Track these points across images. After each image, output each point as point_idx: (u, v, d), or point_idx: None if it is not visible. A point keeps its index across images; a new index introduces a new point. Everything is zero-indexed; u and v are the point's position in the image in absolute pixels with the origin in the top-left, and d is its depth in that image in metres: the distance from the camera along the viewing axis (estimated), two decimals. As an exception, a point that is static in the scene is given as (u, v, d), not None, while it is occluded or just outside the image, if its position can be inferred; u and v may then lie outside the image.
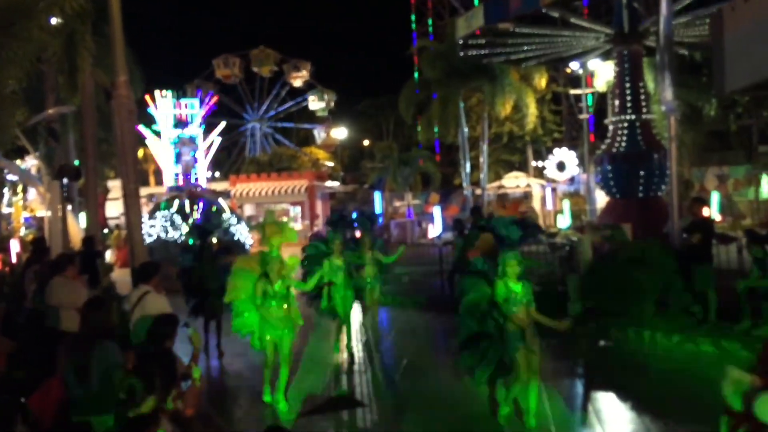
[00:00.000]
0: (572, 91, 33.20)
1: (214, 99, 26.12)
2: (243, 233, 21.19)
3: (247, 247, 20.95)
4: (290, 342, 7.65)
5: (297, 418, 7.27)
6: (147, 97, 22.70)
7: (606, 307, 10.35)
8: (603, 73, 26.48)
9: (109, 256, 20.40)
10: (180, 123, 22.98)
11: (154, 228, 20.45)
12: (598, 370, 9.05)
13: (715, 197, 25.67)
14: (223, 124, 29.24)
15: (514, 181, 34.09)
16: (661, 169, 17.19)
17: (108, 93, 13.56)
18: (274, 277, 7.42)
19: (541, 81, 31.83)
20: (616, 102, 18.68)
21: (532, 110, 31.24)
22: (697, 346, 9.45)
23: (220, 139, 25.78)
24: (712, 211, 24.49)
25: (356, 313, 10.81)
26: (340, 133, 48.93)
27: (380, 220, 14.71)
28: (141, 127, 22.44)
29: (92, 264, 11.80)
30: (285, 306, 7.51)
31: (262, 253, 7.75)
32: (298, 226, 36.68)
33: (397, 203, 36.20)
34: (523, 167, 38.12)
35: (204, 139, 24.15)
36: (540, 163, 37.06)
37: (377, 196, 32.55)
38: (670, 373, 8.71)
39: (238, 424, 7.30)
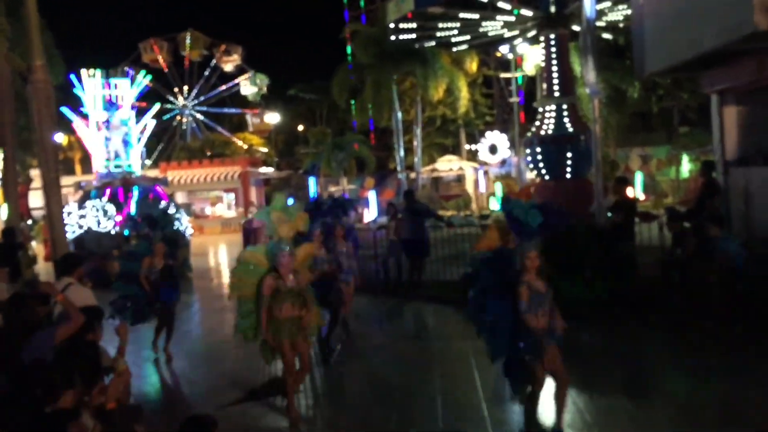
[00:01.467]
0: (502, 75, 33.76)
1: (147, 79, 24.87)
2: (184, 223, 20.26)
3: (188, 237, 20.14)
4: (309, 349, 6.90)
5: (228, 406, 7.20)
6: (73, 78, 21.48)
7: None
8: (532, 56, 26.98)
9: (35, 247, 19.55)
10: (110, 105, 21.87)
11: (84, 219, 19.37)
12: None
13: (639, 177, 26.64)
14: (157, 106, 28.14)
15: (447, 165, 34.48)
16: (587, 150, 17.65)
17: (24, 78, 12.98)
18: (286, 271, 6.52)
19: (473, 65, 32.20)
20: (544, 85, 19.07)
21: (464, 94, 31.59)
22: (623, 318, 9.79)
23: (154, 122, 24.74)
24: (637, 190, 25.42)
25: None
26: (274, 118, 48.33)
27: (354, 207, 13.94)
28: (66, 111, 21.45)
29: (13, 256, 11.34)
30: (301, 305, 6.60)
31: (267, 244, 6.95)
32: (232, 213, 36.19)
33: (332, 188, 36.07)
34: (456, 150, 38.55)
35: (137, 122, 23.09)
36: (473, 147, 37.56)
37: (312, 181, 32.35)
38: (590, 345, 9.03)
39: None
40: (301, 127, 50.65)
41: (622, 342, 9.11)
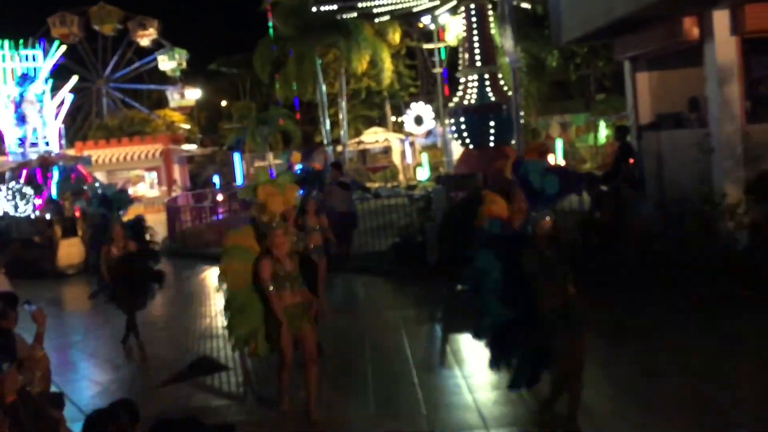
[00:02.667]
0: (425, 46, 33.83)
1: (62, 50, 23.23)
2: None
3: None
4: (315, 336, 5.91)
5: (158, 387, 7.08)
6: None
7: (462, 253, 10.80)
8: (453, 27, 27.14)
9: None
10: (23, 79, 20.40)
11: (-1, 204, 18.02)
12: (457, 314, 9.48)
13: (559, 144, 27.37)
14: (75, 79, 26.53)
15: (373, 137, 34.48)
16: (510, 119, 18.00)
17: None
18: (282, 253, 5.60)
19: (395, 36, 32.15)
20: (466, 55, 19.28)
21: (387, 65, 31.55)
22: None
23: (72, 96, 23.36)
24: (557, 157, 26.13)
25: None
26: (195, 93, 47.02)
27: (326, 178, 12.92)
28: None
29: None
30: (300, 290, 5.72)
31: (255, 224, 5.97)
32: (155, 192, 35.21)
33: (259, 164, 35.55)
34: (382, 123, 38.56)
35: (52, 97, 21.62)
36: (398, 118, 37.65)
37: (237, 157, 31.77)
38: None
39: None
40: (224, 103, 49.46)
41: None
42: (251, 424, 6.01)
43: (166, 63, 49.34)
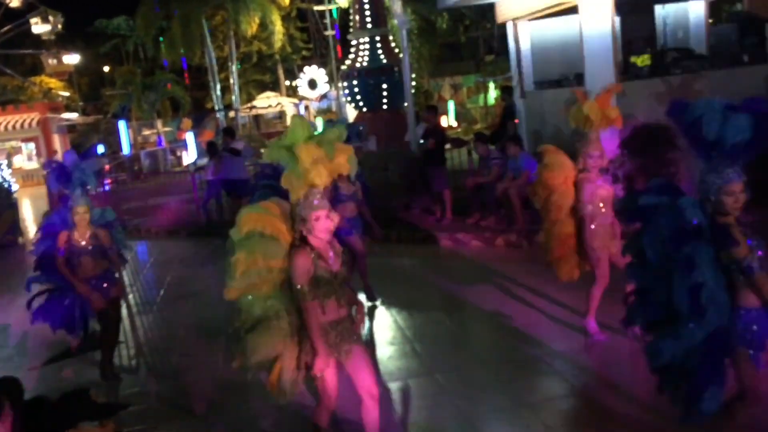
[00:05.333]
0: (316, 8, 33.33)
1: None
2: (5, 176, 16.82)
3: (13, 193, 17.00)
4: (369, 360, 4.19)
5: (31, 369, 6.79)
6: None
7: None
8: (344, -12, 26.87)
9: None
10: None
11: None
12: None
13: (451, 105, 27.90)
14: None
15: (266, 102, 33.86)
16: (402, 81, 18.15)
17: None
18: (326, 244, 3.87)
19: (285, -2, 31.48)
20: (357, 17, 19.16)
21: (278, 28, 30.91)
22: (437, 240, 10.39)
23: None
24: (450, 118, 26.66)
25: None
26: (73, 58, 44.24)
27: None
28: None
29: None
30: (347, 300, 4.00)
31: (279, 200, 4.03)
32: (33, 164, 33.16)
33: (146, 132, 34.18)
34: (275, 87, 37.89)
35: None
36: (292, 83, 37.10)
37: (122, 125, 30.35)
38: (416, 267, 9.54)
39: None
40: (106, 68, 46.95)
41: (441, 259, 9.72)
42: (145, 395, 5.91)
43: (40, 26, 45.91)
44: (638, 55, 10.23)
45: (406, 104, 14.71)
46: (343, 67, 20.34)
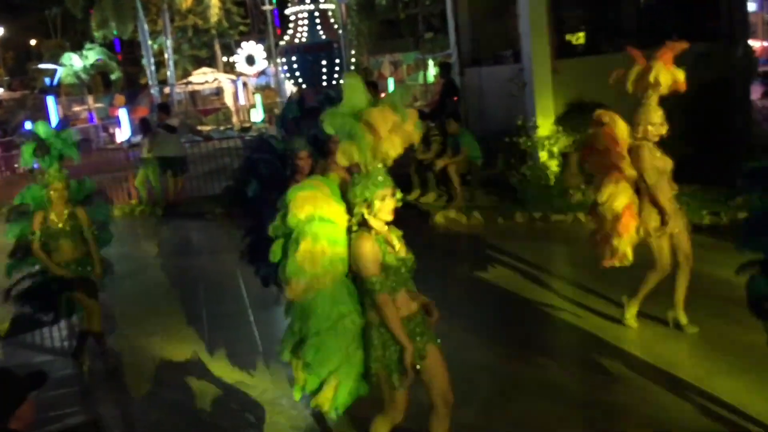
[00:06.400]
0: (254, -18, 32.64)
1: None
2: None
3: None
4: (444, 362, 3.51)
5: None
6: None
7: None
8: (281, -38, 26.36)
9: None
10: None
11: None
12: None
13: (391, 83, 27.84)
14: None
15: (202, 78, 33.01)
16: (341, 57, 18.02)
17: None
18: (384, 227, 3.36)
19: (221, -30, 30.68)
20: (295, -8, 18.90)
21: (214, 2, 30.23)
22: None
23: None
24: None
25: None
26: (-4, 31, 42.25)
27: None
28: None
29: None
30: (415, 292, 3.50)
31: (339, 176, 3.63)
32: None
33: (77, 108, 32.95)
34: (212, 63, 37.01)
35: None
36: (230, 59, 36.31)
37: (51, 101, 29.14)
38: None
39: None
40: (33, 41, 44.95)
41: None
42: (78, 377, 5.77)
43: (-41, -4, 43.66)
44: (573, 33, 10.42)
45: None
46: (282, 43, 20.07)
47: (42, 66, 36.65)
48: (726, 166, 7.72)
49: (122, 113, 26.24)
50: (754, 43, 13.58)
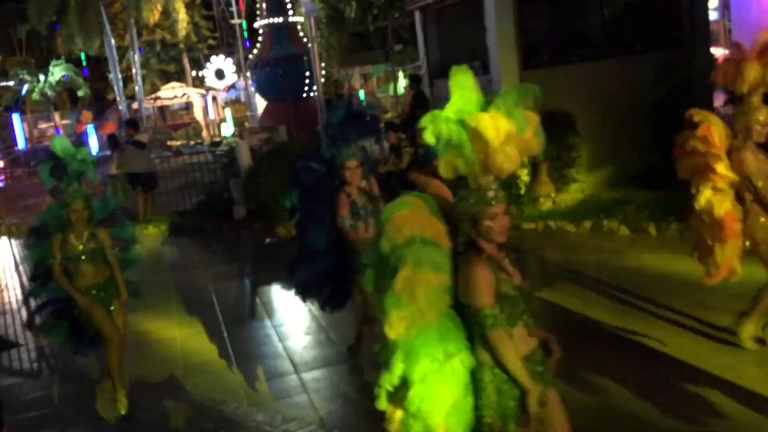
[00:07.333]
0: (222, -5, 32.58)
1: None
2: None
3: None
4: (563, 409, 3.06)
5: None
6: None
7: (268, 205, 10.81)
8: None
9: None
10: None
11: None
12: (266, 266, 9.52)
13: (361, 95, 27.95)
14: None
15: (171, 92, 32.80)
16: (311, 70, 18.01)
17: None
18: (498, 251, 2.89)
19: (188, -16, 30.58)
20: (264, 5, 18.89)
21: (182, 16, 30.07)
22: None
23: None
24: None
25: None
26: (-41, 47, 41.49)
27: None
28: None
29: None
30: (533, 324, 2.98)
31: (434, 192, 3.00)
32: None
33: (43, 125, 32.50)
34: (181, 77, 36.79)
35: None
36: (199, 73, 36.11)
37: (16, 118, 28.71)
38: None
39: None
40: (-3, 58, 44.26)
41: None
42: (48, 399, 5.66)
43: None
44: (539, 44, 10.56)
45: (315, 93, 14.63)
46: (251, 57, 20.03)
47: (5, 84, 36.08)
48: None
49: (90, 129, 25.99)
50: (716, 51, 13.96)
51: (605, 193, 9.52)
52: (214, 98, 32.82)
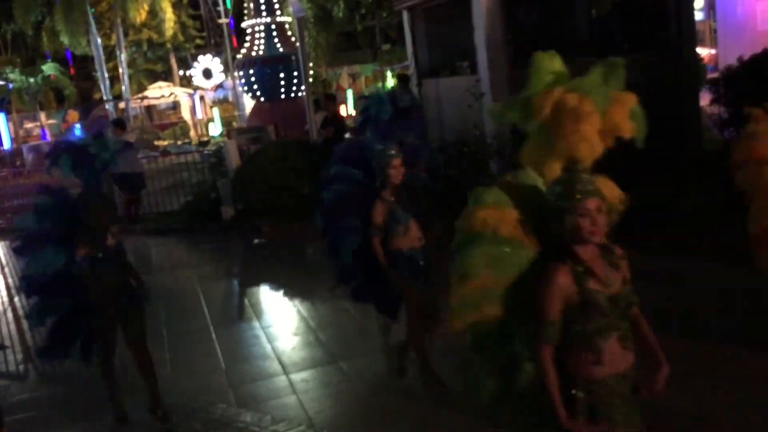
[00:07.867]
0: (209, -5, 32.45)
1: None
2: None
3: None
4: None
5: None
6: None
7: (256, 206, 10.79)
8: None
9: None
10: None
11: None
12: (254, 266, 9.49)
13: (349, 94, 27.91)
14: None
15: (158, 92, 32.62)
16: (299, 70, 17.96)
17: None
18: (595, 254, 2.48)
19: (176, -17, 30.45)
20: (251, 5, 18.82)
21: (169, 15, 29.91)
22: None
23: None
24: (348, 107, 26.69)
25: None
26: (-57, 47, 41.10)
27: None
28: None
29: None
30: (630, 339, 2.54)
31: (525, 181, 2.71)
32: None
33: (29, 125, 32.23)
34: (168, 77, 36.59)
35: None
36: (186, 72, 35.93)
37: (2, 118, 28.46)
38: (315, 254, 9.51)
39: None
40: (-19, 58, 43.84)
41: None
42: (35, 401, 5.61)
43: None
44: (527, 43, 10.55)
45: (303, 93, 14.60)
46: (239, 56, 19.95)
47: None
48: (679, 172, 7.92)
49: (76, 129, 25.77)
50: (702, 51, 14.03)
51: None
52: (202, 98, 32.69)
